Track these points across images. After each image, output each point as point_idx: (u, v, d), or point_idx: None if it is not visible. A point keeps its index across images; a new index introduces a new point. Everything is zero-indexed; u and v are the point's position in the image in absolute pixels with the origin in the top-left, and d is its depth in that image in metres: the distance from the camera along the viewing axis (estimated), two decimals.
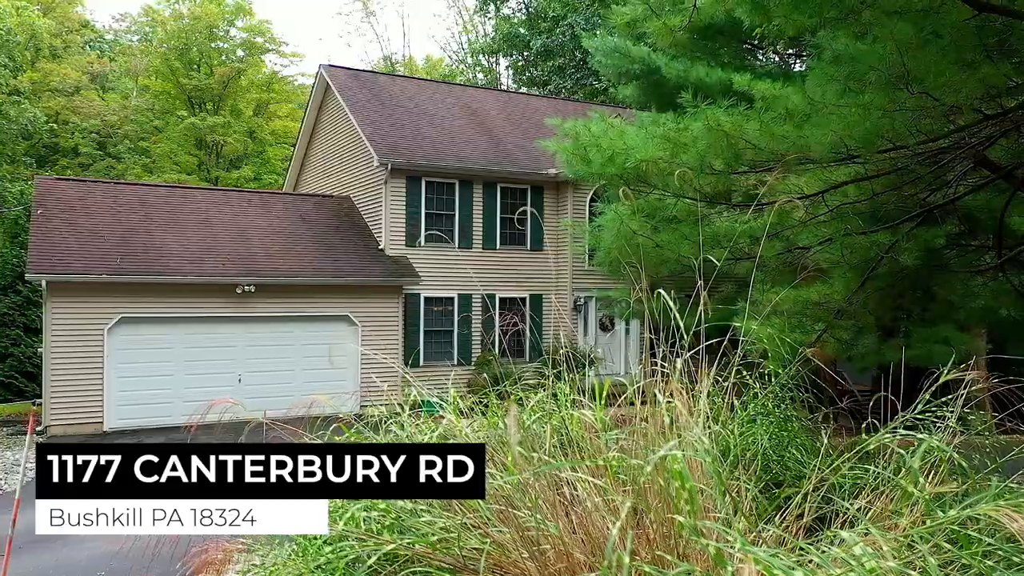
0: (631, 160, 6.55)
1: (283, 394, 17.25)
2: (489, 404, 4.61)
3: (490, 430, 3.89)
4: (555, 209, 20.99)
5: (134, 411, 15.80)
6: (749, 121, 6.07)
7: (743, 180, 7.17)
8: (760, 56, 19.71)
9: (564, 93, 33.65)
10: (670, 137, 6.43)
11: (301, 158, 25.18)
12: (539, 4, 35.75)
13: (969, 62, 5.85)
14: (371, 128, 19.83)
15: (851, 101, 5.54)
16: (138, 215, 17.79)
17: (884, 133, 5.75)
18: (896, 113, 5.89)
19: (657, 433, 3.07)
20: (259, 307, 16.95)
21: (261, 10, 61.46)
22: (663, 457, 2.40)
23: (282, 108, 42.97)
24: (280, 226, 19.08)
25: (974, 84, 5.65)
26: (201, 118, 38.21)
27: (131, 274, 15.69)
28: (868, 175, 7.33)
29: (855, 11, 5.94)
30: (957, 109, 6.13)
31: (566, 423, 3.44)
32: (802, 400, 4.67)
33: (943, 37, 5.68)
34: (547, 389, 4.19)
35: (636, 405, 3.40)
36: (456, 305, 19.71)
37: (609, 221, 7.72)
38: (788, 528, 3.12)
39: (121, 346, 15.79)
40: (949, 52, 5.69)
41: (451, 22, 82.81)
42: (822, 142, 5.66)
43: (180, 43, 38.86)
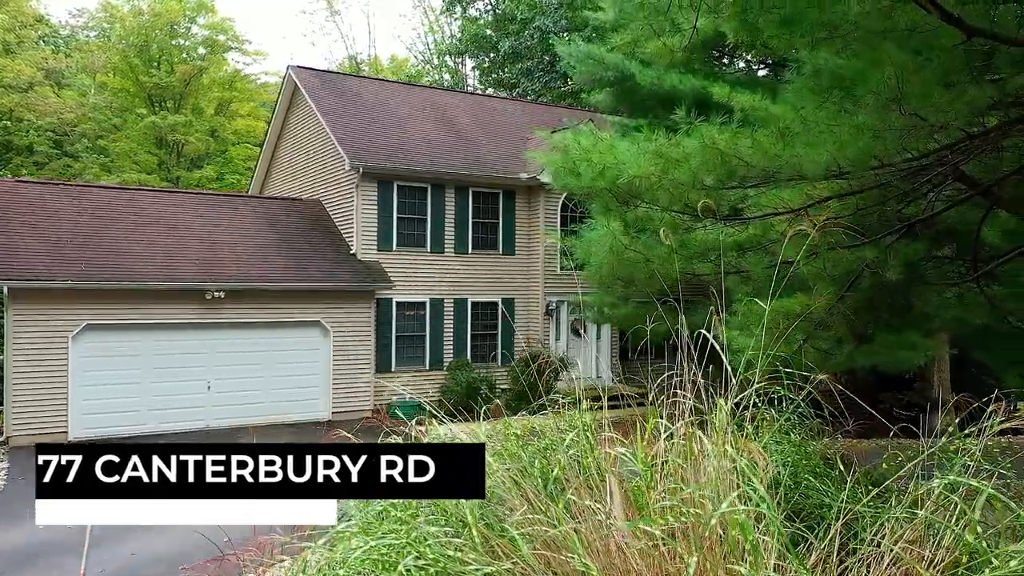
0: (624, 176, 6.58)
1: (254, 401, 17.05)
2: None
3: (513, 462, 3.79)
4: (527, 213, 21.01)
5: (100, 420, 15.42)
6: (742, 138, 6.12)
7: (730, 194, 7.25)
8: (726, 62, 20.00)
9: (532, 96, 33.70)
10: (662, 153, 6.46)
11: (268, 160, 24.82)
12: (506, 6, 35.73)
13: (955, 84, 5.99)
14: (342, 131, 19.63)
15: (845, 121, 5.63)
16: (102, 218, 17.37)
17: (875, 153, 5.85)
18: (886, 133, 6.00)
19: (703, 476, 3.02)
20: (229, 313, 16.67)
21: (223, 7, 60.37)
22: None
23: (244, 107, 42.32)
24: (249, 230, 18.79)
25: (962, 106, 5.78)
26: (162, 117, 37.45)
27: (97, 280, 15.31)
28: (853, 190, 7.45)
29: (845, 33, 6.04)
30: (942, 128, 6.26)
31: (600, 465, 3.39)
32: (810, 416, 4.69)
33: (932, 60, 5.80)
34: (565, 414, 4.16)
35: (661, 441, 3.37)
36: (428, 309, 19.62)
37: (601, 236, 7.74)
38: (824, 564, 3.13)
39: (86, 354, 15.41)
40: (938, 75, 5.82)
41: (417, 22, 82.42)
42: (817, 162, 5.74)
43: (140, 40, 38.03)
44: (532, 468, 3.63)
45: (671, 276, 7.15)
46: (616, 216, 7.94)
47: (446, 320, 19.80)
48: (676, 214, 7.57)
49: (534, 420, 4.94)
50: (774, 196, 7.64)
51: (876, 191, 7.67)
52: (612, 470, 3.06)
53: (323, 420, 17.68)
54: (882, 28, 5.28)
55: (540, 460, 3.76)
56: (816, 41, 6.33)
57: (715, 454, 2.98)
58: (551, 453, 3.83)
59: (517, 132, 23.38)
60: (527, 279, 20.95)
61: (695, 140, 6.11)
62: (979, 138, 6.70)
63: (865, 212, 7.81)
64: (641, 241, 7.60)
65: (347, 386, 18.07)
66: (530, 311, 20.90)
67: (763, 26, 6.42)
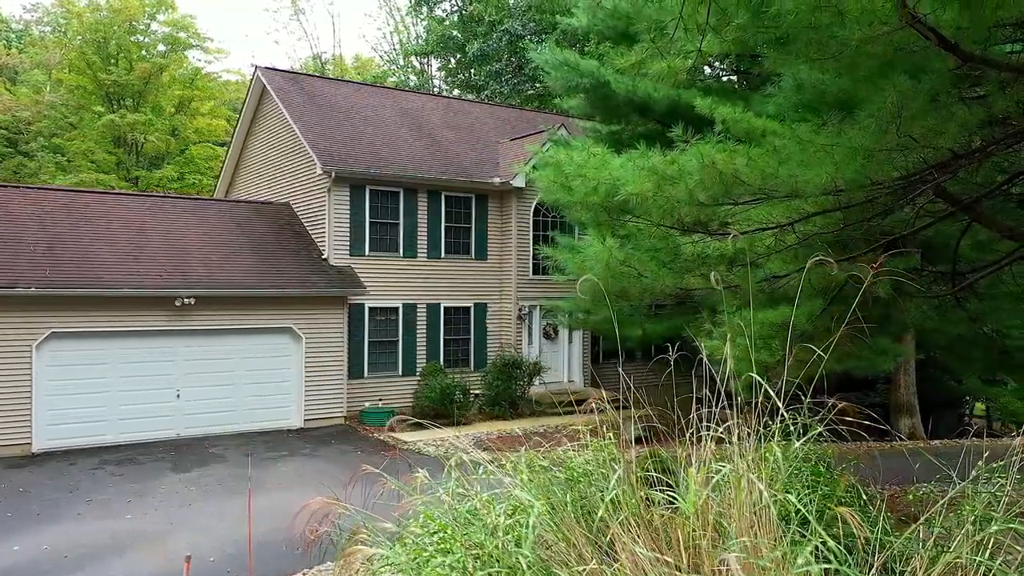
0: (622, 193, 6.61)
1: (224, 409, 16.77)
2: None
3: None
4: (499, 218, 20.98)
5: (65, 431, 15.02)
6: (738, 156, 6.19)
7: (721, 209, 7.32)
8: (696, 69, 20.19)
9: (501, 98, 33.67)
10: (657, 170, 6.50)
11: (235, 162, 24.41)
12: (474, 8, 35.64)
13: (945, 106, 6.14)
14: (313, 135, 19.39)
15: (843, 143, 5.72)
16: (66, 223, 16.91)
17: (870, 173, 5.96)
18: (879, 153, 6.11)
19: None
20: (198, 320, 16.36)
21: (184, 5, 59.25)
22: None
23: (205, 105, 41.56)
24: (218, 234, 18.46)
25: (953, 127, 5.91)
26: (121, 115, 36.60)
27: (62, 287, 14.89)
28: (840, 206, 7.57)
29: (837, 54, 6.14)
30: (932, 148, 6.40)
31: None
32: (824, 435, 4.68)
33: (923, 83, 5.93)
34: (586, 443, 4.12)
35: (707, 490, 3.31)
36: (401, 315, 19.48)
37: (598, 253, 7.77)
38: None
39: (51, 363, 14.98)
40: (929, 97, 5.95)
41: (382, 22, 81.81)
42: (816, 183, 5.82)
43: (98, 36, 37.12)
44: (565, 508, 3.56)
45: (663, 291, 7.20)
46: (607, 229, 7.97)
47: (419, 325, 19.69)
48: (666, 228, 7.62)
49: (558, 452, 4.81)
50: (763, 211, 7.73)
51: (859, 207, 7.82)
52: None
53: (295, 428, 17.45)
54: (881, 52, 5.38)
55: (571, 494, 3.70)
56: (810, 61, 6.43)
57: (771, 502, 2.96)
58: (576, 485, 3.78)
59: (489, 136, 23.34)
60: (500, 284, 20.93)
61: (693, 158, 6.15)
62: (964, 157, 6.88)
63: (851, 227, 7.95)
64: (636, 257, 7.64)
65: (319, 393, 17.86)
66: (503, 316, 20.89)
67: (757, 46, 6.51)
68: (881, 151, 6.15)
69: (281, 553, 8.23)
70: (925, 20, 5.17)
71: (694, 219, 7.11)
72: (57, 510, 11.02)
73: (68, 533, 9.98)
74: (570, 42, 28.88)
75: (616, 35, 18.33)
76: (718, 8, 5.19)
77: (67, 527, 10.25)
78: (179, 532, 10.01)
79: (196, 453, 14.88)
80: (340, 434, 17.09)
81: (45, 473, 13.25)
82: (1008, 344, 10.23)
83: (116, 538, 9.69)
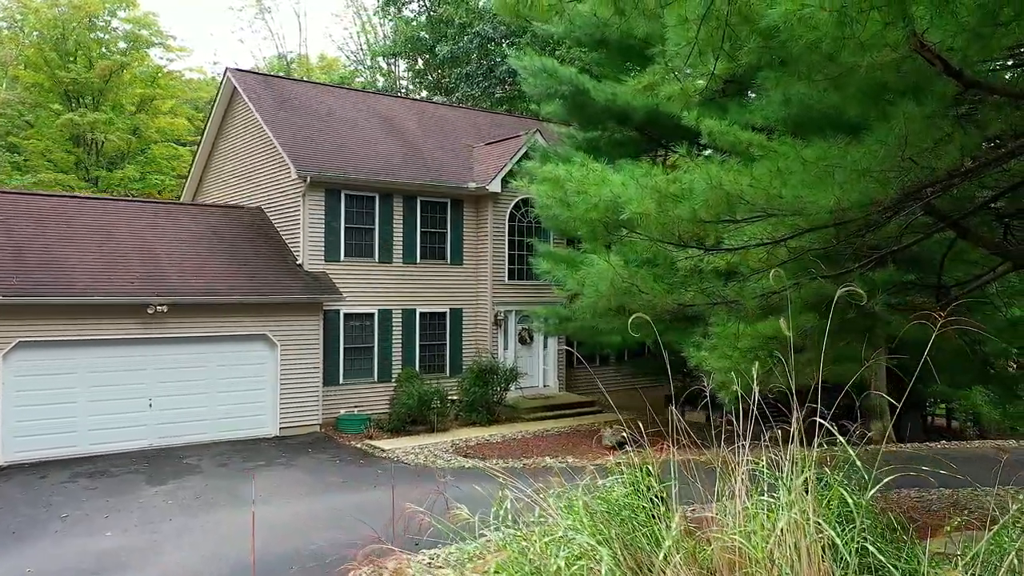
0: (627, 212, 6.64)
1: (198, 418, 16.47)
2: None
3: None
4: (475, 223, 20.93)
5: (34, 442, 14.61)
6: (742, 176, 6.26)
7: (720, 227, 7.40)
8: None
9: (471, 101, 33.59)
10: (660, 189, 6.55)
11: (203, 165, 23.98)
12: (444, 10, 35.49)
13: (943, 128, 6.28)
14: (287, 138, 19.13)
15: (848, 166, 5.82)
16: (31, 227, 16.46)
17: (873, 194, 6.07)
18: (881, 173, 6.23)
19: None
20: (171, 328, 16.03)
21: (146, 2, 57.99)
22: None
23: (166, 104, 40.72)
24: (190, 239, 18.12)
25: (954, 150, 6.05)
26: (80, 114, 35.69)
27: (31, 295, 14.49)
28: (833, 222, 7.70)
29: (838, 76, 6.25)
30: (930, 169, 6.55)
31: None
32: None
33: (924, 107, 6.07)
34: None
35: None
36: (376, 321, 19.33)
37: (602, 271, 7.79)
38: None
39: (19, 373, 14.56)
40: (929, 121, 6.09)
41: (349, 22, 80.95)
42: (824, 206, 5.92)
43: (56, 32, 36.16)
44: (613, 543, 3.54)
45: (663, 307, 7.26)
46: (601, 243, 8.01)
47: (395, 331, 19.56)
48: (663, 244, 7.68)
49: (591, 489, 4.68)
50: (758, 227, 7.83)
51: (852, 223, 7.97)
52: None
53: (270, 436, 17.20)
54: (888, 80, 5.49)
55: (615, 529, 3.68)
56: (811, 82, 6.54)
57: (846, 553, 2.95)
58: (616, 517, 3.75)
59: (463, 140, 23.27)
60: (475, 289, 20.88)
61: (700, 179, 6.21)
62: (957, 176, 7.05)
63: (842, 243, 8.09)
64: (639, 275, 7.69)
65: (295, 401, 17.64)
66: (478, 321, 20.84)
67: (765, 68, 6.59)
68: (884, 172, 6.28)
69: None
70: (933, 48, 5.29)
71: (692, 235, 7.17)
72: (33, 529, 10.69)
73: (49, 553, 9.69)
74: (541, 46, 28.89)
75: (592, 42, 18.43)
76: (731, 33, 5.24)
77: (46, 546, 9.95)
78: (166, 550, 9.79)
79: (171, 464, 14.58)
80: (316, 442, 16.90)
81: (15, 487, 12.87)
82: (986, 351, 10.52)
83: (102, 559, 9.43)
